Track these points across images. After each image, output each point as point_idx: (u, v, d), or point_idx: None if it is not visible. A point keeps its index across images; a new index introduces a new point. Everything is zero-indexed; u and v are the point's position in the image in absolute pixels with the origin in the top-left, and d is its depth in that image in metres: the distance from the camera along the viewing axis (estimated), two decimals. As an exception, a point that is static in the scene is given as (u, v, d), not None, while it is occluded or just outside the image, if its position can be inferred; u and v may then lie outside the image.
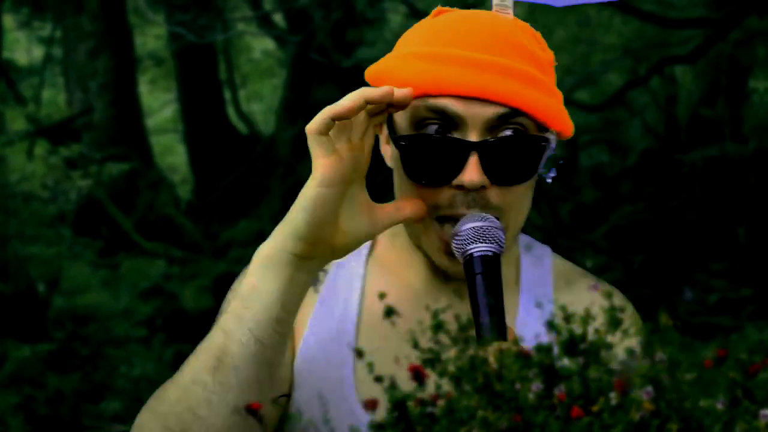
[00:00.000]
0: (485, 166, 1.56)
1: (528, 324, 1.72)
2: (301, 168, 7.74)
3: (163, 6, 6.95)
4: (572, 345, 0.97)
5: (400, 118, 1.61)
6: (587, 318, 0.99)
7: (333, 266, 1.78)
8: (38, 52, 6.98)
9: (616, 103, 6.68)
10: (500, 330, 1.47)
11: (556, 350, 0.99)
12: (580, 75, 6.70)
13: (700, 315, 6.05)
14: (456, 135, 1.57)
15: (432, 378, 1.00)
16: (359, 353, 1.13)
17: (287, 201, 1.62)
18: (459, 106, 1.56)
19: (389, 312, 1.11)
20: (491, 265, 1.54)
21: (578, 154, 6.73)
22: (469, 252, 1.54)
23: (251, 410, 0.96)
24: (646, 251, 6.30)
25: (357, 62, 6.92)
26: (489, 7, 1.73)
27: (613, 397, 0.93)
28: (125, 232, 6.64)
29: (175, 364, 1.70)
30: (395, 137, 1.60)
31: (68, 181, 6.60)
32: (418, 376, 0.96)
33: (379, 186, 1.74)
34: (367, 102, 1.48)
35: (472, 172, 1.55)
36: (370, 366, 1.06)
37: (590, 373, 0.95)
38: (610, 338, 1.00)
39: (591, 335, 0.97)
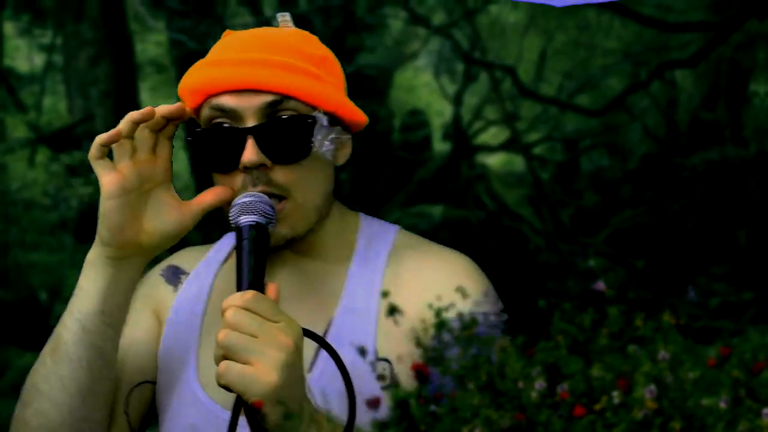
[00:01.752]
0: (262, 147, 1.79)
1: (356, 295, 1.92)
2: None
3: (163, 13, 6.95)
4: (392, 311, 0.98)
5: (202, 122, 1.86)
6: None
7: (196, 267, 2.10)
8: (39, 60, 6.98)
9: (617, 107, 6.67)
10: (254, 286, 1.67)
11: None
12: (580, 79, 6.70)
13: (701, 319, 6.04)
14: (238, 125, 1.80)
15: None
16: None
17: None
18: (233, 100, 1.80)
19: (392, 310, 1.11)
20: (256, 232, 1.74)
21: (579, 158, 6.73)
22: (238, 223, 1.75)
23: (248, 409, 0.96)
24: (648, 255, 6.29)
25: (357, 68, 6.93)
26: (488, 12, 1.83)
27: (616, 395, 0.94)
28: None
29: (175, 370, 1.93)
30: (186, 138, 1.85)
31: (69, 188, 6.59)
32: (421, 375, 0.97)
33: (379, 191, 1.91)
34: (135, 122, 1.77)
35: (249, 153, 1.78)
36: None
37: (593, 371, 0.95)
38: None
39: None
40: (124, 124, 1.77)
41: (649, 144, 6.67)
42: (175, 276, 2.11)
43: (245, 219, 1.76)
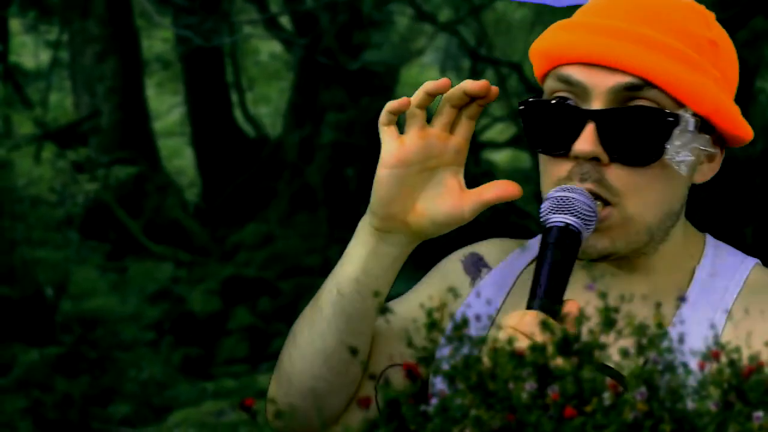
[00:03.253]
0: (602, 137, 1.51)
1: (686, 332, 1.55)
2: (308, 171, 7.74)
3: (169, 9, 6.97)
4: (566, 346, 0.97)
5: (545, 93, 1.60)
6: (581, 318, 0.99)
7: (499, 265, 1.83)
8: (45, 56, 7.00)
9: (623, 104, 6.67)
10: (547, 306, 1.42)
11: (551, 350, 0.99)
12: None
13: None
14: (583, 106, 1.53)
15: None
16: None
17: (294, 204, 1.72)
18: (583, 73, 1.53)
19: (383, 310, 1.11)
20: (565, 237, 1.50)
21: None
22: (547, 222, 1.52)
23: (244, 407, 0.97)
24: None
25: (363, 65, 6.92)
26: (495, 9, 1.75)
27: (607, 397, 0.93)
28: (133, 236, 6.64)
29: (183, 367, 1.81)
30: (518, 107, 1.61)
31: (75, 184, 6.61)
32: (411, 374, 0.96)
33: None
34: (428, 93, 1.57)
35: (585, 141, 1.50)
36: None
37: (584, 373, 0.95)
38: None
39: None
40: (417, 94, 1.59)
41: (656, 141, 6.66)
42: (475, 267, 1.86)
43: (556, 218, 1.51)
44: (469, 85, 1.56)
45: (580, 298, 1.48)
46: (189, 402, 5.75)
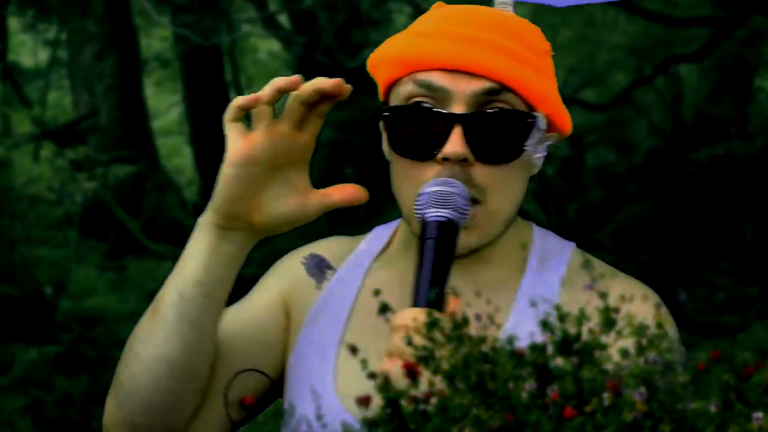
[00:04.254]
0: (469, 139, 1.57)
1: (521, 323, 1.62)
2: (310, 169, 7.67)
3: (168, 8, 6.96)
4: (566, 345, 0.97)
5: (395, 98, 1.65)
6: (581, 318, 0.99)
7: (344, 264, 1.82)
8: (44, 55, 6.99)
9: (622, 102, 6.67)
10: (437, 301, 1.46)
11: (550, 349, 0.99)
12: (585, 75, 6.70)
13: (706, 313, 6.05)
14: (441, 109, 1.59)
15: (425, 375, 1.00)
16: (353, 349, 1.15)
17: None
18: (445, 80, 1.59)
19: (383, 308, 1.11)
20: (445, 230, 1.53)
21: (584, 153, 6.72)
22: (425, 217, 1.54)
23: (244, 405, 0.97)
24: (653, 250, 6.29)
25: (362, 63, 6.90)
26: (493, 5, 1.79)
27: (606, 397, 0.93)
28: (132, 235, 6.64)
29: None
30: (380, 110, 1.64)
31: (74, 183, 6.60)
32: (411, 373, 0.97)
33: (383, 188, 1.75)
34: (279, 90, 1.56)
35: (455, 144, 1.57)
36: (364, 363, 1.06)
37: (583, 373, 0.95)
38: (605, 339, 1.00)
39: (585, 335, 0.97)
40: (266, 90, 1.57)
41: (655, 139, 6.67)
42: (319, 269, 1.86)
43: (434, 213, 1.55)
44: (322, 83, 1.56)
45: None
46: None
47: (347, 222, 3.43)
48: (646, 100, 6.66)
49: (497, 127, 1.59)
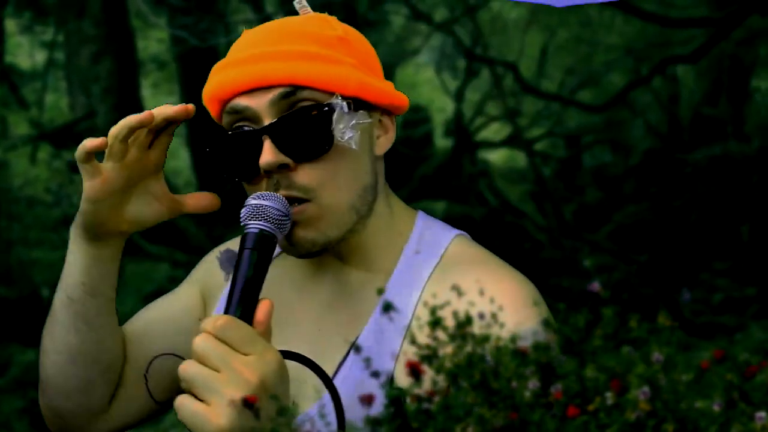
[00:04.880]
0: (280, 146, 1.65)
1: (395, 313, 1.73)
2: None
3: (165, 9, 6.95)
4: (569, 344, 0.97)
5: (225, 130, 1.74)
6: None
7: None
8: (41, 57, 6.98)
9: (619, 103, 6.67)
10: (246, 309, 1.53)
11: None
12: (582, 75, 6.69)
13: (704, 314, 6.05)
14: (257, 127, 1.67)
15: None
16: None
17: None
18: (245, 100, 1.69)
19: (387, 307, 1.11)
20: (259, 241, 1.59)
21: (581, 154, 6.72)
22: (246, 229, 1.62)
23: (247, 403, 0.96)
24: (650, 251, 6.29)
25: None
26: (490, 8, 1.80)
27: (610, 396, 0.93)
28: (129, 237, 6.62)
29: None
30: (206, 150, 1.75)
31: (72, 185, 6.59)
32: (415, 372, 0.97)
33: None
34: (132, 128, 1.66)
35: (266, 154, 1.65)
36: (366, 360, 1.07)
37: (587, 372, 0.95)
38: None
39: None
40: (118, 129, 1.67)
41: (652, 140, 6.66)
42: (229, 263, 2.01)
43: (252, 224, 1.62)
44: (166, 111, 1.68)
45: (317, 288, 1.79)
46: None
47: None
48: (642, 100, 6.66)
49: (299, 125, 1.66)
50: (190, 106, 1.71)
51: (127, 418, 1.96)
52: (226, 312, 1.55)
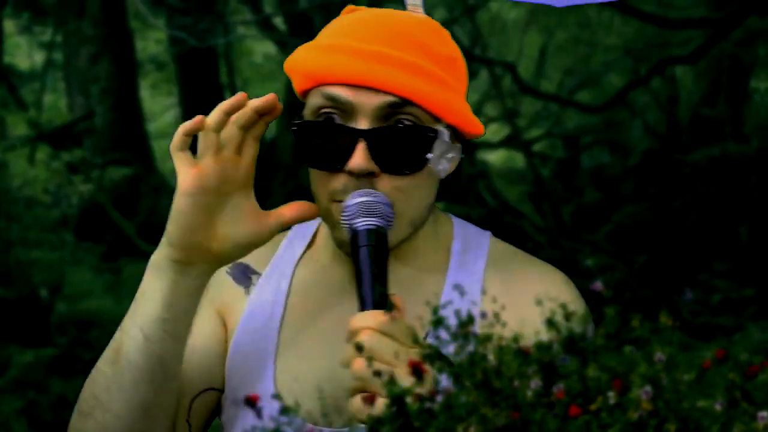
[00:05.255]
0: (373, 153, 1.63)
1: (455, 302, 1.70)
2: (303, 172, 7.68)
3: (163, 10, 6.95)
4: (572, 343, 0.97)
5: (308, 107, 1.71)
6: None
7: (268, 265, 1.91)
8: (39, 57, 6.98)
9: (617, 103, 6.67)
10: (381, 302, 1.51)
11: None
12: (581, 76, 6.69)
13: (702, 315, 6.05)
14: (349, 123, 1.64)
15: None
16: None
17: (289, 204, 1.72)
18: (349, 94, 1.64)
19: (388, 307, 1.11)
20: (376, 238, 1.59)
21: (580, 155, 6.73)
22: (355, 226, 1.60)
23: (249, 402, 0.97)
24: (649, 251, 6.29)
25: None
26: (489, 9, 1.80)
27: (612, 396, 0.93)
28: (127, 237, 6.62)
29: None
30: (291, 123, 1.69)
31: (70, 185, 6.59)
32: (417, 371, 0.97)
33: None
34: (226, 113, 1.61)
35: (358, 158, 1.62)
36: (373, 367, 1.06)
37: (589, 372, 0.95)
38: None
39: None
40: (214, 115, 1.61)
41: (650, 140, 6.66)
42: (244, 276, 1.91)
43: (363, 222, 1.61)
44: (257, 102, 1.63)
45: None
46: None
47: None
48: (641, 101, 6.66)
49: (400, 141, 1.64)
50: (279, 103, 1.66)
51: None
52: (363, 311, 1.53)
